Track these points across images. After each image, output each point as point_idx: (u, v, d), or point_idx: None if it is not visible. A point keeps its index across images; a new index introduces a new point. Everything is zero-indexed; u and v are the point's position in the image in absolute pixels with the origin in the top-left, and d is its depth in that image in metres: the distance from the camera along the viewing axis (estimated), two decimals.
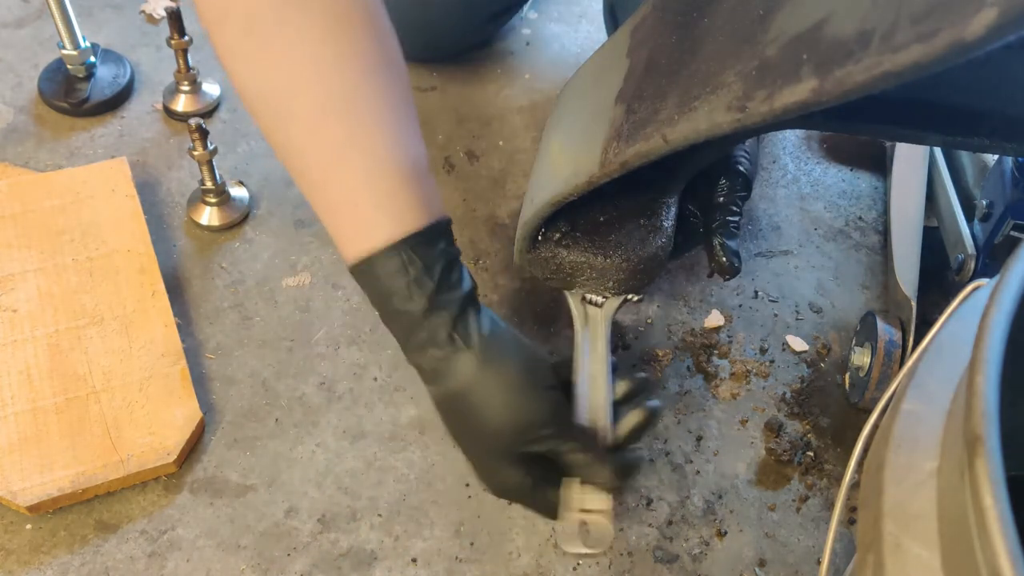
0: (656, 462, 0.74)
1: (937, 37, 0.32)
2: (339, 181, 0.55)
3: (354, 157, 0.54)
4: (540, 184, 0.68)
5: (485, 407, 0.57)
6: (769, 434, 0.76)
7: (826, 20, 0.40)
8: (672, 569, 0.68)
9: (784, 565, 0.69)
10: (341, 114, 0.53)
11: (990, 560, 0.28)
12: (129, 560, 0.65)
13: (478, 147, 0.97)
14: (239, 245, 0.85)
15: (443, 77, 1.04)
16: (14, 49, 1.00)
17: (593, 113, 0.64)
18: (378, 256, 0.55)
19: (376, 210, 0.55)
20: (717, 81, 0.48)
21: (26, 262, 0.78)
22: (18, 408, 0.69)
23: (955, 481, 0.33)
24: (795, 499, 0.73)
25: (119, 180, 0.84)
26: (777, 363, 0.81)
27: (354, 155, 0.54)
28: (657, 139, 0.53)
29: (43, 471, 0.66)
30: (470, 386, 0.57)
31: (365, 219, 0.55)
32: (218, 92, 0.96)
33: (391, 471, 0.71)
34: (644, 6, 0.64)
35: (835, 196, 0.96)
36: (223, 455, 0.71)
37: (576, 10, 1.14)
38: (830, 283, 0.88)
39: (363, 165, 0.54)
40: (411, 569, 0.66)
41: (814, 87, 0.39)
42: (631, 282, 0.68)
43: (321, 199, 0.56)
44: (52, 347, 0.73)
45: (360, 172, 0.54)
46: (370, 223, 0.55)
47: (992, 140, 0.62)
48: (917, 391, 0.41)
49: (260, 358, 0.77)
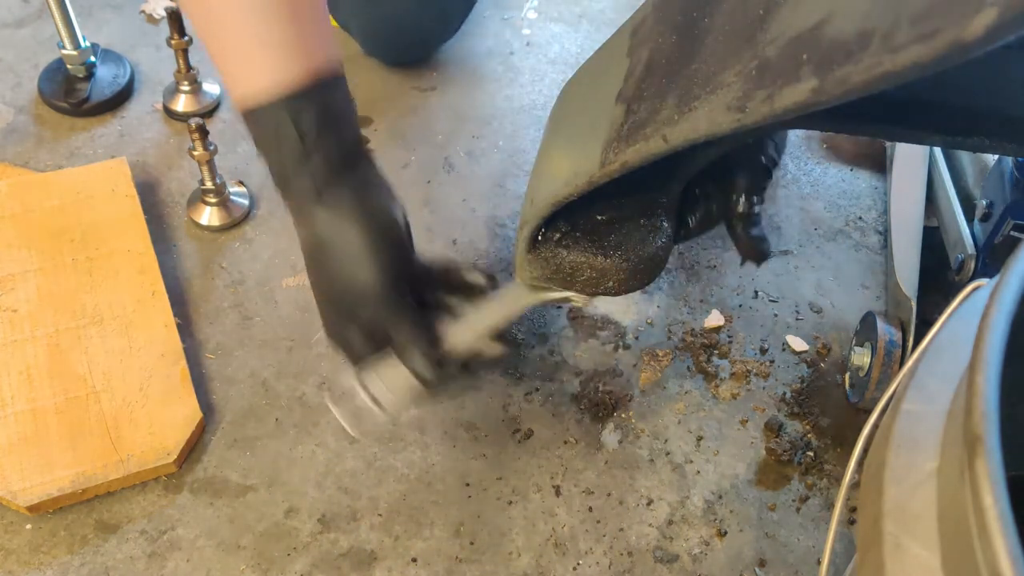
0: (656, 462, 0.74)
1: (937, 37, 0.32)
2: (226, 31, 0.55)
3: (239, 9, 0.54)
4: (540, 184, 0.68)
5: (331, 265, 0.59)
6: (769, 434, 0.76)
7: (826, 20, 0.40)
8: (672, 569, 0.68)
9: (784, 565, 0.69)
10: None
11: (990, 560, 0.28)
12: (129, 560, 0.65)
13: (478, 147, 0.97)
14: (239, 245, 0.85)
15: (443, 77, 1.04)
16: (14, 49, 1.00)
17: (593, 113, 0.64)
18: (260, 109, 0.55)
19: (261, 58, 0.55)
20: (717, 81, 0.48)
21: (26, 262, 0.78)
22: (18, 408, 0.69)
23: (955, 481, 0.33)
24: (795, 499, 0.73)
25: (119, 180, 0.84)
26: (777, 363, 0.81)
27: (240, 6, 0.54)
28: (657, 139, 0.53)
29: (43, 471, 0.66)
30: (321, 241, 0.59)
31: (250, 65, 0.56)
32: (218, 92, 0.96)
33: (391, 471, 0.71)
34: (644, 6, 0.64)
35: (835, 196, 0.96)
36: (223, 455, 0.71)
37: (576, 10, 1.14)
38: (830, 283, 0.88)
39: (247, 18, 0.54)
40: (411, 569, 0.66)
41: (814, 87, 0.39)
42: (631, 282, 0.68)
43: (211, 46, 0.57)
44: (52, 347, 0.73)
45: (244, 25, 0.55)
46: (254, 70, 0.55)
47: (992, 140, 0.62)
48: (917, 391, 0.41)
49: (260, 358, 0.77)
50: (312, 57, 0.57)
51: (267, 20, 0.55)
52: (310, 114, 0.56)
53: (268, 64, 0.56)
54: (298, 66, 0.56)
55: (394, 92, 1.03)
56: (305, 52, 0.57)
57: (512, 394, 0.77)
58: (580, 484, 0.72)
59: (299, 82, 0.56)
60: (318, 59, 0.57)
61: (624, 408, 0.77)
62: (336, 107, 0.59)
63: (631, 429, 0.76)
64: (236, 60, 0.57)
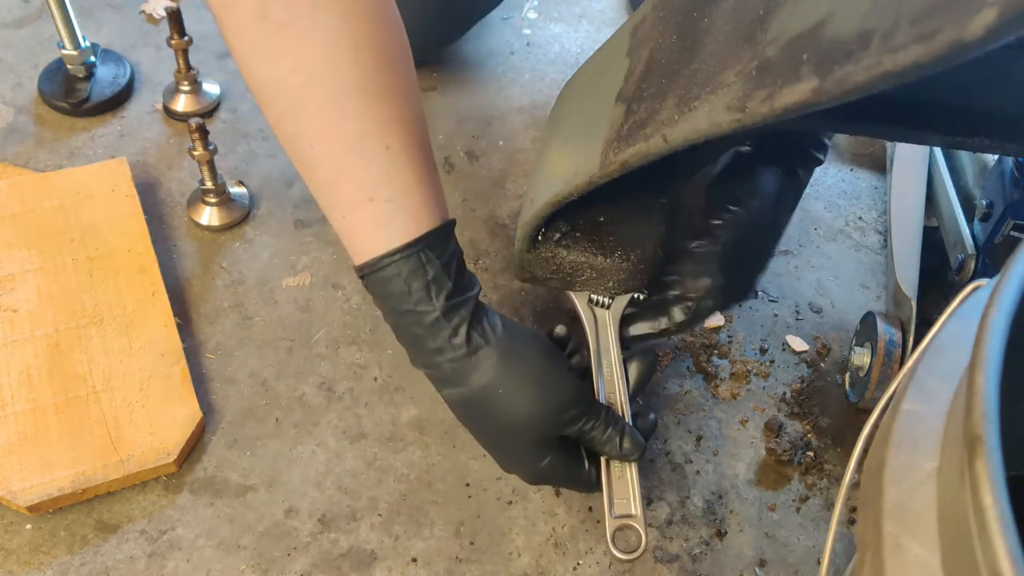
0: (656, 462, 0.74)
1: (937, 37, 0.32)
2: (353, 177, 0.53)
3: (369, 152, 0.52)
4: (540, 184, 0.68)
5: (513, 401, 0.57)
6: (769, 434, 0.76)
7: (826, 20, 0.40)
8: (672, 569, 0.68)
9: (784, 565, 0.69)
10: (356, 106, 0.51)
11: (990, 560, 0.28)
12: (129, 560, 0.65)
13: (478, 147, 0.97)
14: (239, 245, 0.85)
15: (443, 77, 1.04)
16: (14, 49, 1.00)
17: (593, 113, 0.64)
18: (394, 256, 0.53)
19: (392, 207, 0.53)
20: (717, 81, 0.48)
21: (26, 262, 0.78)
22: (18, 408, 0.69)
23: (955, 481, 0.33)
24: (795, 499, 0.73)
25: (119, 180, 0.84)
26: (777, 363, 0.81)
27: (369, 150, 0.52)
28: (657, 139, 0.53)
29: (43, 471, 0.66)
30: (495, 383, 0.56)
31: (380, 217, 0.53)
32: (218, 92, 0.96)
33: (391, 471, 0.71)
34: (644, 6, 0.64)
35: (835, 196, 0.96)
36: (223, 455, 0.71)
37: (576, 10, 1.14)
38: (830, 283, 0.88)
39: (378, 160, 0.52)
40: (411, 569, 0.66)
41: (814, 87, 0.39)
42: (631, 282, 0.68)
43: (332, 196, 0.54)
44: (52, 347, 0.73)
45: (375, 168, 0.52)
46: (386, 221, 0.53)
47: (992, 140, 0.62)
48: (917, 391, 0.40)
49: (260, 358, 0.77)
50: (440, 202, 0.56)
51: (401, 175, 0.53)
52: (447, 253, 0.55)
53: (404, 218, 0.53)
54: (436, 212, 0.55)
55: None
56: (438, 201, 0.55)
57: None
58: None
59: (435, 225, 0.54)
60: (444, 204, 0.56)
61: None
62: (459, 248, 0.57)
63: None
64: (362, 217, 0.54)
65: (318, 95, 0.51)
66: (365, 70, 0.51)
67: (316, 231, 0.87)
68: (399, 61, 0.54)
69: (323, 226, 0.87)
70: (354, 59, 0.51)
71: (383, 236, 0.53)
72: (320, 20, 0.49)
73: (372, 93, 0.52)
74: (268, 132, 0.96)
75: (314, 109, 0.51)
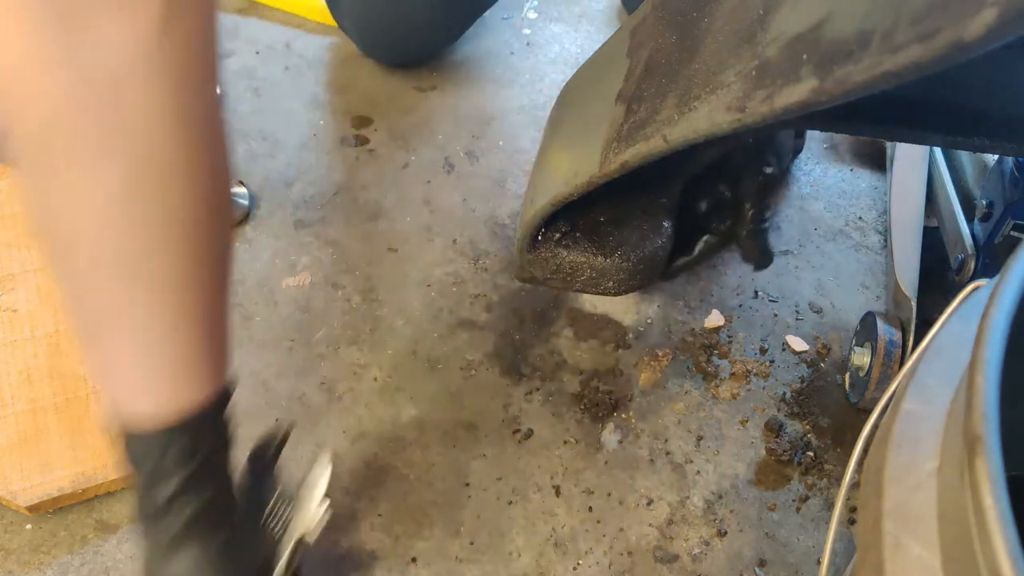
0: (656, 462, 0.74)
1: (937, 37, 0.32)
2: (108, 345, 0.48)
3: (127, 325, 0.47)
4: (540, 184, 0.68)
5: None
6: (769, 434, 0.76)
7: (826, 20, 0.40)
8: (672, 569, 0.68)
9: (784, 565, 0.69)
10: (124, 278, 0.45)
11: (990, 560, 0.28)
12: (129, 560, 0.65)
13: (478, 147, 0.97)
14: (239, 245, 0.85)
15: (443, 77, 1.04)
16: None
17: (593, 113, 0.64)
18: (133, 436, 0.49)
19: (139, 388, 0.48)
20: (717, 81, 0.48)
21: (26, 262, 0.78)
22: (18, 408, 0.69)
23: (955, 481, 0.33)
24: (795, 499, 0.73)
25: None
26: (777, 363, 0.81)
27: (128, 322, 0.47)
28: (657, 139, 0.53)
29: (43, 471, 0.66)
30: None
31: (127, 391, 0.48)
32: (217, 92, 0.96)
33: (391, 471, 0.71)
34: (644, 6, 0.64)
35: (835, 196, 0.96)
36: None
37: (576, 10, 1.14)
38: (830, 283, 0.88)
39: (136, 337, 0.47)
40: (411, 569, 0.66)
41: (814, 87, 0.39)
42: (631, 282, 0.68)
43: (88, 353, 0.49)
44: (52, 347, 0.73)
45: (129, 343, 0.47)
46: (132, 397, 0.48)
47: (992, 140, 0.62)
48: (917, 391, 0.40)
49: (260, 358, 0.77)
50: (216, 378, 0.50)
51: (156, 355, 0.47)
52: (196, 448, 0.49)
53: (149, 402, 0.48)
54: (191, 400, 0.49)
55: (394, 92, 1.03)
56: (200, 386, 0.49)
57: (512, 394, 0.77)
58: (580, 484, 0.72)
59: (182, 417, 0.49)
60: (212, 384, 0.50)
61: (624, 408, 0.77)
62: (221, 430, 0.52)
63: (631, 429, 0.76)
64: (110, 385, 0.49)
65: (83, 257, 0.45)
66: (141, 243, 0.45)
67: (316, 231, 0.87)
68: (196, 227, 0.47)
69: (323, 226, 0.87)
70: (130, 231, 0.44)
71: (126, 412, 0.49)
72: (99, 175, 0.43)
73: (146, 266, 0.46)
74: (268, 132, 0.96)
75: (78, 268, 0.46)
